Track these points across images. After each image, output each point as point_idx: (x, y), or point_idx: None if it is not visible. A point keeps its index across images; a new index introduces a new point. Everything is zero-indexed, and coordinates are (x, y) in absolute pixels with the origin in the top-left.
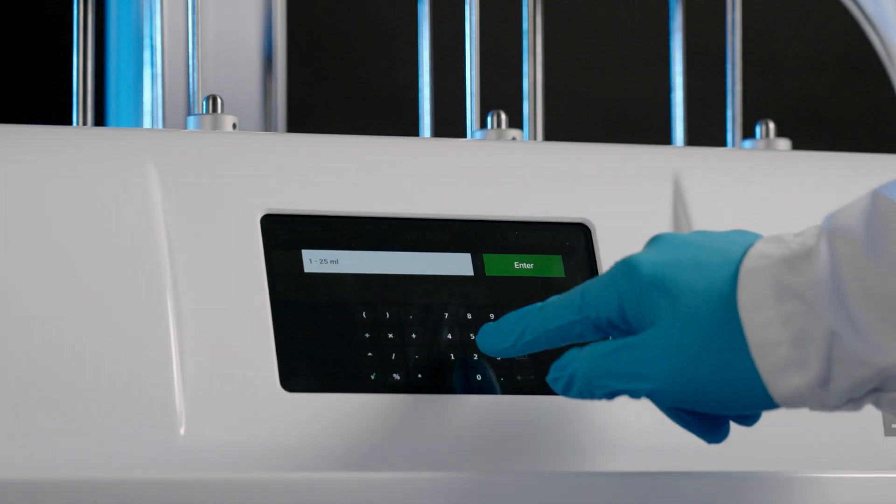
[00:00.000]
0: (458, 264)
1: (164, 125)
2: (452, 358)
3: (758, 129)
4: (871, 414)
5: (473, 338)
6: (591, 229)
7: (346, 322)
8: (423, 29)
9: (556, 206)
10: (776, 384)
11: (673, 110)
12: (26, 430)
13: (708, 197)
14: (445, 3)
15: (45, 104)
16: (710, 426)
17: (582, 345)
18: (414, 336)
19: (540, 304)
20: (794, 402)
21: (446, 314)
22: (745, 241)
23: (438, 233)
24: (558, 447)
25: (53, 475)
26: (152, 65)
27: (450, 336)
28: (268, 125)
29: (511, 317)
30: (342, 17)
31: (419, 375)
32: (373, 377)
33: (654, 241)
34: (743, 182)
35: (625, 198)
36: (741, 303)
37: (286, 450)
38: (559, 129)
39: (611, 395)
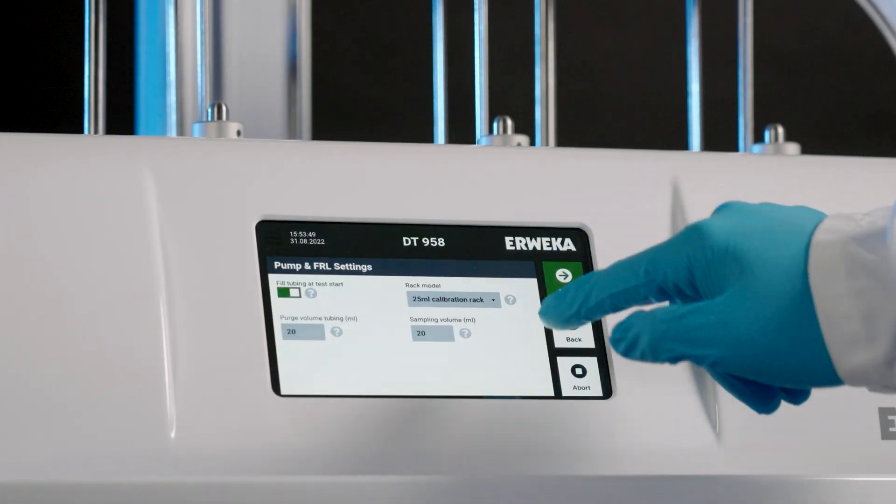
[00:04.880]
0: (455, 269)
1: (181, 133)
2: (447, 362)
3: (766, 134)
4: (868, 417)
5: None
6: (589, 234)
7: (340, 326)
8: (437, 36)
9: (554, 211)
10: (843, 359)
11: (690, 115)
12: (18, 432)
13: (707, 202)
14: (464, 10)
15: (63, 112)
16: (762, 397)
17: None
18: (408, 340)
19: (603, 269)
20: (859, 378)
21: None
22: (813, 216)
23: (435, 238)
24: (555, 451)
25: (45, 478)
26: (166, 72)
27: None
28: (292, 131)
29: (572, 285)
30: (364, 24)
31: (413, 379)
32: (366, 381)
33: (724, 207)
34: (742, 187)
35: (623, 203)
36: (812, 275)
37: (277, 453)
38: (571, 134)
39: (675, 360)
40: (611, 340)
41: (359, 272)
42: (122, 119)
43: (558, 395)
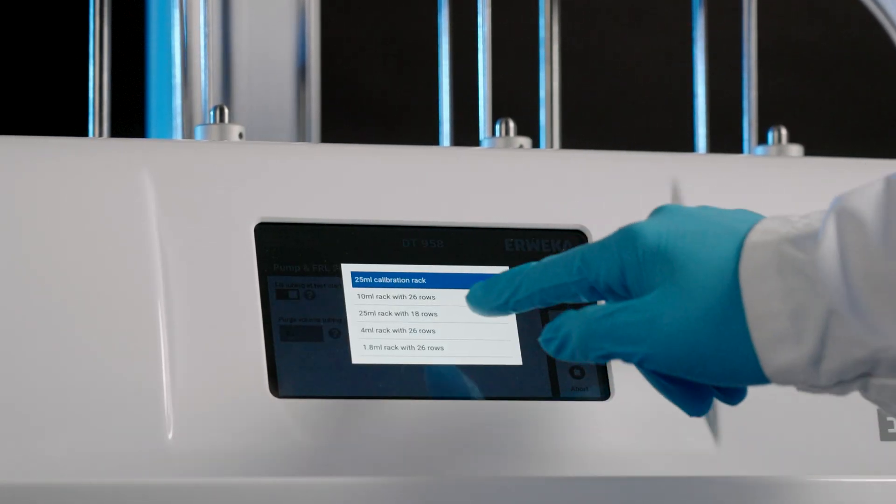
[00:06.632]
0: (455, 279)
1: (188, 135)
2: (444, 363)
3: (770, 135)
4: (867, 418)
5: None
6: (588, 236)
7: (337, 328)
8: (442, 39)
9: (553, 213)
10: (769, 357)
11: (695, 117)
12: (15, 433)
13: (706, 204)
14: (471, 12)
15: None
16: (694, 398)
17: (576, 307)
18: (405, 341)
19: (535, 262)
20: (785, 377)
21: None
22: (750, 218)
23: (434, 240)
24: (554, 452)
25: (41, 479)
26: (171, 75)
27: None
28: (301, 133)
29: (504, 275)
30: (374, 26)
31: (409, 381)
32: (362, 382)
33: (659, 211)
34: (742, 189)
35: (622, 204)
36: (743, 273)
37: (275, 455)
38: (577, 135)
39: (605, 358)
40: (541, 340)
41: (356, 274)
42: (133, 122)
43: (556, 395)
